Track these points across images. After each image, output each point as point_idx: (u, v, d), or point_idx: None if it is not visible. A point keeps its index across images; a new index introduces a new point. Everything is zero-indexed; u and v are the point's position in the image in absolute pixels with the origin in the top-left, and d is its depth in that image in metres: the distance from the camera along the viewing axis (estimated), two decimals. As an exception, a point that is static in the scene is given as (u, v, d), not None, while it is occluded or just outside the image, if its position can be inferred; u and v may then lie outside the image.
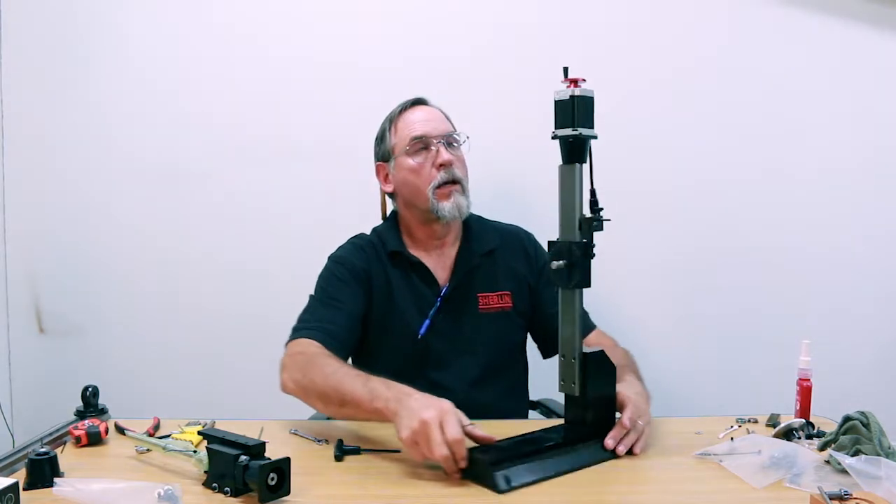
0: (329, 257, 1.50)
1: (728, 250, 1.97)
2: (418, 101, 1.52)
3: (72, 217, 1.97)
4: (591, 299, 1.11)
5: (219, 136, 1.95)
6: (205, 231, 1.97)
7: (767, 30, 1.93)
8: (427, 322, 1.44)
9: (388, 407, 1.08)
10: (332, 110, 1.93)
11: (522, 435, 1.16)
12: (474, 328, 1.47)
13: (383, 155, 1.52)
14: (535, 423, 1.43)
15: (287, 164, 1.95)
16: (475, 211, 1.58)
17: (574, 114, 1.06)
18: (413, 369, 1.41)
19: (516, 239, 1.57)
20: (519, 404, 1.57)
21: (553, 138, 1.10)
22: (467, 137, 1.51)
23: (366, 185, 1.68)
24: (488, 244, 1.52)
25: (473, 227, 1.54)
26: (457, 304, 1.46)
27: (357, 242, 1.52)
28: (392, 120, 1.51)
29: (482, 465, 1.01)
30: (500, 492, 0.98)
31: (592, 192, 1.13)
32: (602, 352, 1.14)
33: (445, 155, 1.43)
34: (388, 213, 1.59)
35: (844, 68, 1.94)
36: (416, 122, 1.47)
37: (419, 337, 1.43)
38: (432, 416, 1.01)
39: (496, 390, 1.47)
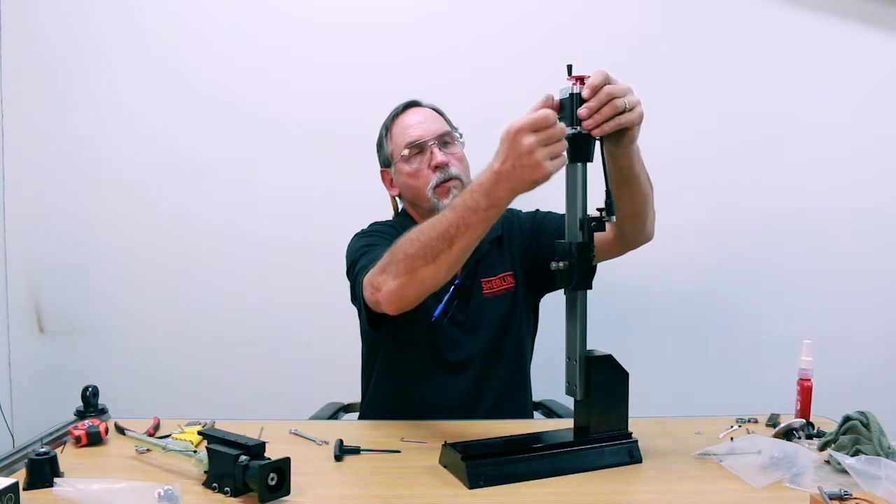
0: (357, 233, 1.51)
1: (728, 250, 1.97)
2: (410, 104, 1.52)
3: (72, 217, 1.98)
4: (593, 298, 1.11)
5: (218, 138, 1.95)
6: (204, 231, 1.97)
7: (767, 30, 1.94)
8: (441, 307, 1.44)
9: (481, 179, 1.04)
10: (332, 110, 1.93)
11: (520, 435, 1.16)
12: (482, 312, 1.49)
13: (384, 161, 1.55)
14: (538, 423, 1.44)
15: (287, 164, 1.95)
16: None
17: (574, 111, 1.06)
18: (429, 350, 1.45)
19: (511, 217, 1.59)
20: (523, 388, 1.57)
21: None
22: (460, 134, 1.51)
23: (367, 185, 1.69)
24: (494, 232, 1.53)
25: None
26: (467, 291, 1.48)
27: (381, 222, 1.55)
28: (387, 127, 1.53)
29: (459, 459, 1.02)
30: (470, 487, 0.98)
31: (608, 193, 1.12)
32: (609, 356, 1.11)
33: (440, 157, 1.43)
34: (400, 210, 1.61)
35: (845, 69, 1.95)
36: (410, 127, 1.48)
37: (432, 320, 1.44)
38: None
39: (504, 369, 1.49)
